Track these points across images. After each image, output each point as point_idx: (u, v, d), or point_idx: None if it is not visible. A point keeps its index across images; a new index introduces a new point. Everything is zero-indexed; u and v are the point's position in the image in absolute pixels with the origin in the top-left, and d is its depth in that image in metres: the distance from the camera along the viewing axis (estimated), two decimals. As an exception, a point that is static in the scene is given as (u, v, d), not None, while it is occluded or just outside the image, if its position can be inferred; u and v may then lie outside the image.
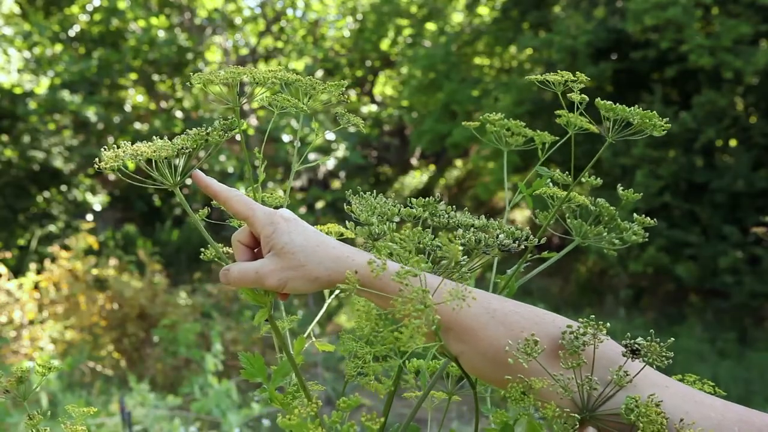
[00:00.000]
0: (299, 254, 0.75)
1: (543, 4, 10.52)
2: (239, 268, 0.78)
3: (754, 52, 7.84)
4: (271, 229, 0.77)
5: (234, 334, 6.62)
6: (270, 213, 0.79)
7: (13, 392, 0.80)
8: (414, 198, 0.85)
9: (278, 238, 0.76)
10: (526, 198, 0.90)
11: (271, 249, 0.77)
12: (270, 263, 0.76)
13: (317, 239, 0.76)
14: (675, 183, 8.35)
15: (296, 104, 0.83)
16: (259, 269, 0.76)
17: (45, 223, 10.20)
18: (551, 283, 9.83)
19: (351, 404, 0.67)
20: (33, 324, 6.53)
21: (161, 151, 0.78)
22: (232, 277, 0.78)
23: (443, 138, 10.93)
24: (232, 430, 4.45)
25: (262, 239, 0.78)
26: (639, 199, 0.87)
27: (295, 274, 0.75)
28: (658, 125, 0.78)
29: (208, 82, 0.75)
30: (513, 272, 0.85)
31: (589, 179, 0.88)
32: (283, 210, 0.80)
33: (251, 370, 0.81)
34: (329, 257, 0.74)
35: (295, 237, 0.76)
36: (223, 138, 0.81)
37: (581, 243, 0.88)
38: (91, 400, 5.33)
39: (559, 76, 0.84)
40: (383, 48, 14.17)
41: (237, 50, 14.02)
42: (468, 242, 0.78)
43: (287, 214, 0.79)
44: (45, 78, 10.35)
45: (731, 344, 7.58)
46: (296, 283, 0.76)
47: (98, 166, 0.76)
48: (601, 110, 0.80)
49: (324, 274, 0.74)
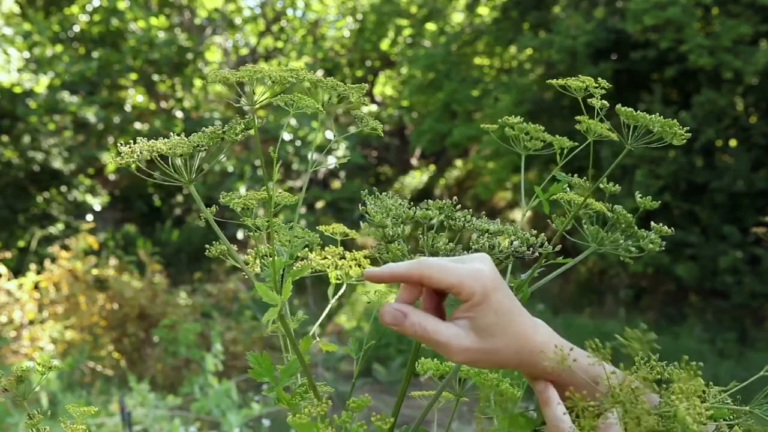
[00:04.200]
0: (499, 340, 0.66)
1: (543, 4, 10.52)
2: (424, 323, 0.66)
3: (753, 52, 7.84)
4: (480, 299, 0.65)
5: (234, 334, 6.62)
6: (484, 278, 0.66)
7: (13, 392, 0.80)
8: (414, 198, 0.85)
9: (485, 316, 0.65)
10: (543, 203, 0.89)
11: (469, 320, 0.66)
12: (465, 338, 0.66)
13: (519, 322, 0.67)
14: (675, 183, 8.35)
15: (314, 105, 0.83)
16: (451, 340, 0.65)
17: (45, 224, 10.20)
18: (551, 283, 9.79)
19: (361, 404, 0.67)
20: (33, 324, 6.53)
21: (177, 148, 0.78)
22: (409, 326, 0.66)
23: (443, 138, 10.94)
24: (232, 430, 4.45)
25: (464, 306, 0.66)
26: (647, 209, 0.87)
27: (485, 357, 0.66)
28: (678, 134, 0.77)
29: (226, 79, 0.75)
30: (528, 277, 0.85)
31: (607, 186, 0.88)
32: (485, 262, 0.67)
33: (258, 369, 0.80)
34: (525, 349, 0.67)
35: (501, 318, 0.66)
36: (239, 137, 0.81)
37: (597, 249, 0.87)
38: (91, 400, 5.33)
39: (580, 82, 0.84)
40: (383, 48, 14.18)
41: (237, 50, 14.03)
42: (482, 248, 0.77)
43: (498, 280, 0.67)
44: (45, 78, 10.36)
45: (731, 344, 7.58)
46: (482, 364, 0.68)
47: (115, 161, 0.76)
48: (622, 117, 0.79)
49: (513, 364, 0.67)
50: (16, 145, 10.10)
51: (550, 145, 0.93)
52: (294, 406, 0.79)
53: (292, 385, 0.83)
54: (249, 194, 0.88)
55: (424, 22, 13.31)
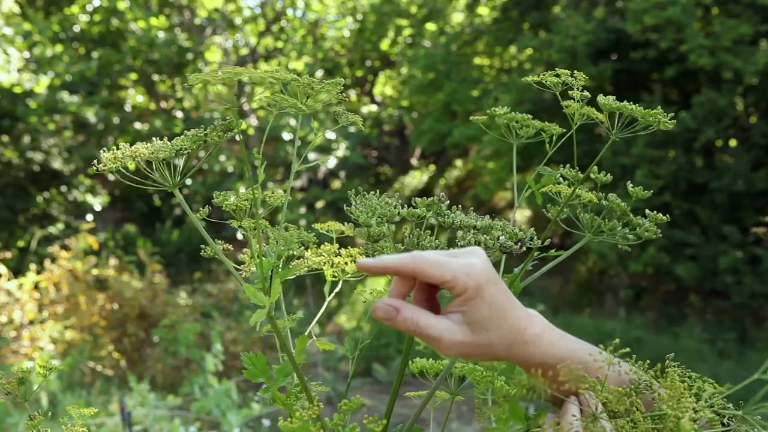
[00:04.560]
0: (493, 334, 0.66)
1: (543, 4, 10.52)
2: (417, 318, 0.66)
3: (753, 52, 7.84)
4: (473, 294, 0.65)
5: (234, 334, 6.62)
6: (477, 272, 0.65)
7: (14, 393, 0.80)
8: (415, 198, 0.84)
9: (478, 310, 0.65)
10: (536, 194, 0.89)
11: (461, 314, 0.66)
12: (458, 332, 0.65)
13: (513, 316, 0.67)
14: (675, 183, 8.35)
15: (295, 104, 0.82)
16: (443, 334, 0.65)
17: (45, 224, 10.20)
18: (551, 283, 9.82)
19: (353, 406, 0.67)
20: (33, 324, 6.53)
21: (159, 153, 0.77)
22: (401, 320, 0.66)
23: (443, 138, 10.94)
24: (232, 430, 4.45)
25: (458, 301, 0.66)
26: (639, 198, 0.87)
27: (478, 351, 0.66)
28: (663, 120, 0.77)
29: (206, 83, 0.75)
30: (520, 272, 0.85)
31: (598, 176, 0.88)
32: (479, 256, 0.67)
33: (253, 370, 0.80)
34: (519, 342, 0.67)
35: (494, 312, 0.65)
36: (222, 138, 0.80)
37: (592, 239, 0.87)
38: (91, 400, 5.33)
39: (555, 77, 0.84)
40: (383, 48, 14.17)
41: (237, 50, 14.03)
42: (468, 245, 0.76)
43: (492, 273, 0.67)
44: (45, 78, 10.36)
45: (731, 344, 7.58)
46: (473, 357, 0.69)
47: (97, 167, 0.76)
48: (604, 108, 0.80)
49: (505, 357, 0.68)
50: (16, 145, 10.10)
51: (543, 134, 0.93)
52: (289, 407, 0.78)
53: (288, 385, 0.83)
54: (241, 194, 0.88)
55: (424, 22, 13.31)
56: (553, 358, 0.68)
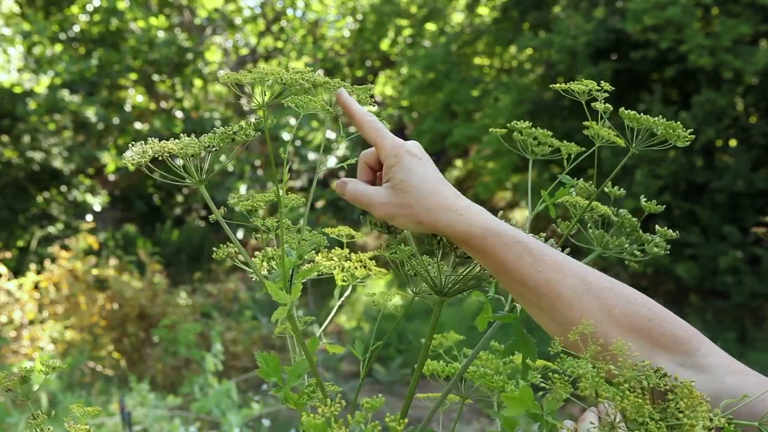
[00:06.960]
0: (411, 195, 0.76)
1: (543, 4, 10.52)
2: (355, 187, 0.81)
3: (753, 52, 7.84)
4: (393, 161, 0.78)
5: (234, 334, 6.62)
6: (398, 145, 0.79)
7: (15, 392, 0.80)
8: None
9: (397, 174, 0.77)
10: (549, 207, 0.91)
11: (388, 180, 0.78)
12: (384, 195, 0.78)
13: (434, 185, 0.77)
14: (675, 183, 8.35)
15: (324, 106, 0.85)
16: (372, 197, 0.79)
17: (45, 224, 10.20)
18: (551, 283, 9.79)
19: (375, 405, 0.68)
20: (33, 324, 6.53)
21: (188, 149, 0.78)
22: (347, 191, 0.82)
23: (443, 138, 10.93)
24: (232, 430, 4.45)
25: (384, 168, 0.80)
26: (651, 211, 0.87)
27: (402, 212, 0.77)
28: (681, 136, 0.78)
29: (238, 81, 0.77)
30: None
31: (612, 190, 0.89)
32: (412, 143, 0.80)
33: (266, 369, 0.81)
34: (439, 207, 0.75)
35: (413, 177, 0.77)
36: (250, 138, 0.82)
37: (603, 254, 0.88)
38: (91, 400, 5.33)
39: (583, 86, 0.85)
40: (383, 48, 14.17)
41: (237, 50, 14.02)
42: None
43: (415, 148, 0.80)
44: (45, 78, 10.35)
45: (731, 344, 7.58)
46: (401, 220, 0.78)
47: (125, 161, 0.77)
48: (625, 120, 0.80)
49: (429, 222, 0.76)
50: (16, 145, 10.10)
51: (558, 150, 0.94)
52: (302, 407, 0.79)
53: (299, 386, 0.84)
54: (257, 196, 0.89)
55: (424, 22, 13.30)
56: (480, 228, 0.74)
